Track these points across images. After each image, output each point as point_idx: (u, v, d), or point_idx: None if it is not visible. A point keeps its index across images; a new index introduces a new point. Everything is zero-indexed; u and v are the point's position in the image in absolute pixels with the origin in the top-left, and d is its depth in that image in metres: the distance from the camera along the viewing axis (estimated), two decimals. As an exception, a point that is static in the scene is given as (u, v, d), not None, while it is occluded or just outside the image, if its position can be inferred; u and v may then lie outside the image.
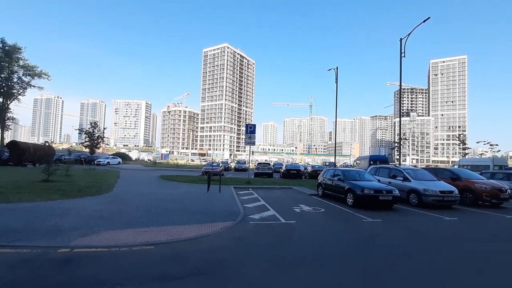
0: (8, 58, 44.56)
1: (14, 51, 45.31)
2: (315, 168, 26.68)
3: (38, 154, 24.46)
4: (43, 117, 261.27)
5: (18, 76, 47.69)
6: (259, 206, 9.81)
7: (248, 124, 18.03)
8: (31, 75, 48.34)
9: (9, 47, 44.76)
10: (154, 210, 7.97)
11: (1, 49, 44.03)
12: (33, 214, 6.81)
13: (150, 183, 16.23)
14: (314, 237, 6.13)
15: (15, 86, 47.81)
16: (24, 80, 48.27)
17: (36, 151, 26.93)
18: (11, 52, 44.92)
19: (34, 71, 48.38)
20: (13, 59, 45.55)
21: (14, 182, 12.63)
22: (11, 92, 46.89)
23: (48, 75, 50.03)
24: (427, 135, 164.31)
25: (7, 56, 44.32)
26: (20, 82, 48.17)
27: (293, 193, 14.43)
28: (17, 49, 45.80)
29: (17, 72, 47.36)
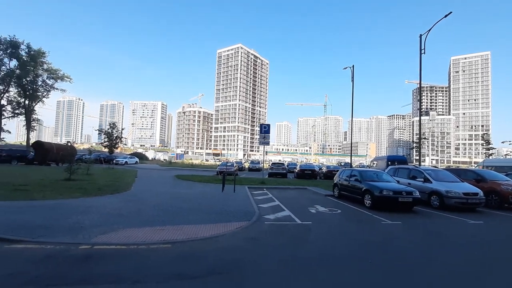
0: (33, 62, 46.72)
1: (38, 55, 47.43)
2: (330, 168, 26.25)
3: (61, 153, 25.58)
4: (65, 118, 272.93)
5: (43, 79, 49.89)
6: (274, 206, 9.74)
7: (262, 124, 17.98)
8: (54, 78, 50.44)
9: (34, 51, 46.90)
10: (170, 209, 8.08)
11: (27, 54, 46.20)
12: (56, 211, 7.08)
13: (166, 183, 16.51)
14: (331, 239, 5.99)
15: (40, 89, 50.01)
16: (48, 83, 50.44)
17: (59, 151, 28.14)
18: (36, 57, 47.06)
19: (57, 74, 50.45)
20: (38, 63, 47.69)
21: (38, 181, 13.22)
22: (36, 95, 49.10)
23: (70, 78, 52.10)
24: (447, 135, 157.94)
25: (32, 60, 46.49)
26: (44, 85, 50.36)
27: (308, 193, 14.24)
28: (41, 54, 47.92)
29: (42, 76, 49.56)
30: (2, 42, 43.63)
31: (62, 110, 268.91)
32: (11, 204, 7.61)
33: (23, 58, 45.47)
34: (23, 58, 45.47)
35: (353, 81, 22.42)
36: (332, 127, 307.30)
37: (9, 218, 6.16)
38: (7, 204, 7.59)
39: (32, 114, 49.66)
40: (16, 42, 44.64)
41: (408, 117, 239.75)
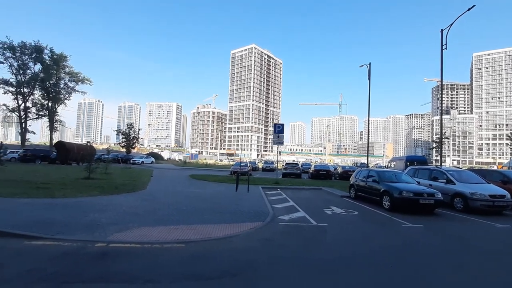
0: (56, 66, 48.72)
1: (61, 59, 49.44)
2: (345, 168, 25.64)
3: (81, 153, 26.50)
4: (86, 119, 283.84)
5: (65, 82, 51.86)
6: (288, 207, 9.56)
7: (276, 123, 17.80)
8: (75, 80, 52.36)
9: (56, 56, 48.91)
10: (185, 209, 8.09)
11: (50, 58, 48.27)
12: (75, 209, 7.25)
13: (180, 182, 16.69)
14: (348, 242, 5.76)
15: (62, 91, 52.07)
16: (70, 85, 52.36)
17: (80, 150, 29.18)
18: (59, 60, 49.07)
19: (78, 77, 52.37)
20: (60, 67, 49.70)
21: (59, 179, 13.70)
22: (58, 97, 51.16)
23: (90, 80, 53.94)
24: (469, 135, 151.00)
25: (55, 64, 48.49)
26: (66, 88, 52.35)
27: (323, 194, 13.93)
28: (63, 57, 49.92)
29: (64, 79, 51.55)
30: (27, 47, 45.77)
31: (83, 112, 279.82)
32: (33, 202, 7.88)
33: (46, 62, 47.52)
34: (46, 62, 47.52)
35: (369, 79, 21.80)
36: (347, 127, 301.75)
37: (31, 215, 6.36)
38: (30, 202, 7.87)
39: (55, 116, 51.84)
40: (40, 47, 46.73)
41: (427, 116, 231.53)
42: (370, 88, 21.66)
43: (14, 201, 7.80)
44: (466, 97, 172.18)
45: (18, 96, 46.07)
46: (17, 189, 9.84)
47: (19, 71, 45.80)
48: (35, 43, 46.28)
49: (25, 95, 46.77)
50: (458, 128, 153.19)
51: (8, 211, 6.63)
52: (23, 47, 45.47)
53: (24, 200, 8.00)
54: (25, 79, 46.22)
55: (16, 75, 45.58)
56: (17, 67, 45.53)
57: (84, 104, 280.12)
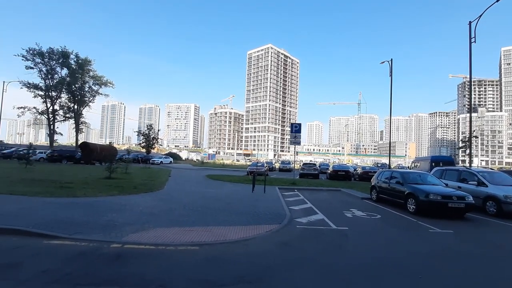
0: (81, 70, 51.00)
1: (85, 63, 51.70)
2: (366, 169, 24.71)
3: (104, 153, 27.44)
4: (109, 121, 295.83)
5: (89, 85, 54.20)
6: (306, 209, 9.25)
7: (293, 123, 17.46)
8: (99, 84, 54.53)
9: (81, 60, 51.21)
10: (200, 209, 8.02)
11: (75, 63, 50.63)
12: (94, 208, 7.37)
13: (197, 182, 16.78)
14: (372, 248, 5.39)
15: (87, 94, 54.41)
16: (94, 88, 54.66)
17: (102, 151, 30.27)
18: (83, 65, 51.34)
19: (101, 81, 54.49)
20: (85, 71, 52.00)
21: (82, 179, 14.17)
22: (83, 100, 53.50)
23: (112, 83, 55.96)
24: (499, 133, 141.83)
25: (80, 68, 50.78)
26: (90, 91, 54.64)
27: (342, 196, 13.44)
28: (88, 62, 52.17)
29: (88, 82, 53.89)
30: (55, 53, 48.25)
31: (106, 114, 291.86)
32: (55, 201, 8.12)
33: (72, 67, 49.86)
34: (72, 67, 49.86)
35: (391, 76, 20.88)
36: (367, 126, 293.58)
37: (52, 213, 6.51)
38: (52, 201, 8.11)
39: (80, 118, 54.27)
40: (66, 52, 49.12)
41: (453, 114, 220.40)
42: (392, 85, 20.77)
43: (38, 200, 8.07)
44: (495, 94, 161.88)
45: (47, 100, 48.58)
46: (42, 188, 10.23)
47: (48, 76, 48.33)
48: (62, 49, 48.71)
49: (53, 98, 49.26)
50: (487, 126, 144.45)
51: (32, 210, 6.84)
52: (51, 53, 47.94)
53: (47, 199, 8.26)
54: (53, 83, 48.68)
55: (45, 79, 48.13)
56: (46, 72, 48.06)
57: (108, 107, 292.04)
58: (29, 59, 46.13)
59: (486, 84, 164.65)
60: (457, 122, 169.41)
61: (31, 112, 48.69)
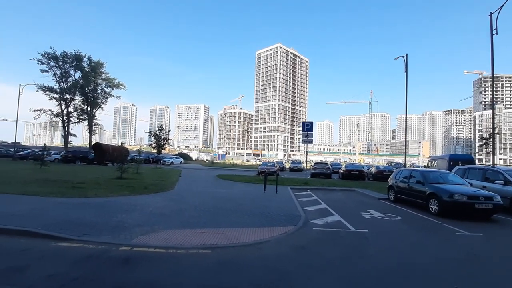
0: (94, 73, 52.01)
1: (98, 66, 52.69)
2: (380, 168, 23.95)
3: (116, 154, 27.75)
4: (121, 122, 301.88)
5: (101, 87, 55.16)
6: (321, 210, 8.87)
7: (304, 121, 17.02)
8: (111, 86, 55.43)
9: (94, 63, 52.23)
10: (212, 210, 7.78)
11: (88, 66, 51.66)
12: (104, 209, 7.25)
13: (208, 182, 16.62)
14: (397, 253, 4.99)
15: (99, 96, 55.41)
16: (106, 91, 55.65)
17: (114, 151, 30.65)
18: (96, 67, 52.31)
19: (113, 83, 55.38)
20: (97, 73, 52.97)
21: (94, 179, 14.23)
22: (96, 102, 54.50)
23: (124, 85, 56.80)
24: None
25: (93, 71, 51.76)
26: (103, 93, 55.63)
27: (358, 196, 12.95)
28: (100, 65, 53.14)
29: (101, 84, 54.87)
30: (69, 56, 49.37)
31: (118, 116, 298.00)
32: (67, 201, 8.07)
33: (85, 70, 50.86)
34: (85, 70, 50.86)
35: (406, 72, 20.11)
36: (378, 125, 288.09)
37: (63, 214, 6.41)
38: (64, 201, 8.06)
39: (93, 120, 55.30)
40: (79, 55, 50.17)
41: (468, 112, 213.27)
42: (407, 81, 19.99)
43: (49, 200, 8.04)
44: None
45: (61, 102, 49.71)
46: (54, 188, 10.26)
47: (62, 79, 49.46)
48: (75, 52, 49.78)
49: (67, 101, 50.39)
50: (504, 124, 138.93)
51: (43, 210, 6.77)
52: (65, 56, 49.06)
53: (59, 200, 8.22)
54: (67, 86, 49.75)
55: (59, 82, 49.26)
56: (60, 75, 49.21)
57: (120, 109, 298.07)
58: (44, 62, 47.33)
59: (503, 80, 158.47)
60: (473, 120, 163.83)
61: (47, 114, 49.92)
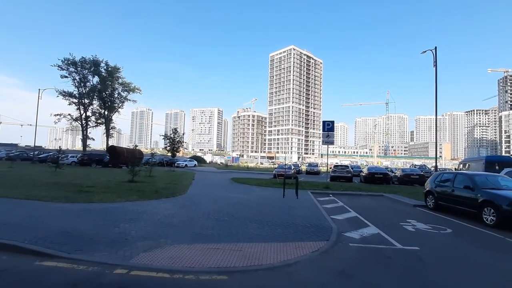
0: (111, 77, 52.89)
1: (115, 71, 53.54)
2: (406, 172, 22.14)
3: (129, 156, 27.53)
4: (138, 126, 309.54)
5: (118, 92, 55.98)
6: (352, 219, 7.70)
7: (325, 121, 15.78)
8: (127, 90, 56.16)
9: (111, 68, 53.09)
10: (227, 219, 6.80)
11: (105, 71, 52.56)
12: (107, 216, 6.46)
13: (222, 186, 15.73)
14: (470, 282, 3.81)
15: (116, 100, 56.27)
16: (122, 95, 56.45)
17: (129, 154, 30.52)
18: (113, 72, 53.16)
19: (129, 87, 56.10)
20: (114, 78, 53.84)
21: (105, 182, 13.68)
22: (113, 106, 55.36)
23: (140, 89, 57.43)
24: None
25: (110, 76, 52.64)
26: (119, 97, 56.45)
27: (388, 202, 11.62)
28: (116, 69, 53.96)
29: (117, 89, 55.71)
30: (87, 62, 50.45)
31: (135, 120, 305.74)
32: (69, 207, 7.37)
33: (102, 74, 51.78)
34: (102, 74, 51.78)
35: (436, 66, 18.44)
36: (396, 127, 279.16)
37: (60, 223, 5.66)
38: (66, 207, 7.37)
39: (110, 123, 56.18)
40: (97, 61, 51.17)
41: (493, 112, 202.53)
42: (437, 77, 18.35)
43: (51, 206, 7.37)
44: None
45: (80, 107, 50.81)
46: (61, 192, 9.67)
47: (80, 84, 50.54)
48: (93, 58, 50.78)
49: (85, 105, 51.40)
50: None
51: (40, 218, 6.05)
52: (84, 62, 50.14)
53: (61, 206, 7.53)
54: (85, 90, 50.82)
55: (78, 87, 50.36)
56: (79, 80, 50.31)
57: (137, 113, 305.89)
58: (63, 68, 48.52)
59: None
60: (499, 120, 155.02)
61: (67, 118, 51.12)
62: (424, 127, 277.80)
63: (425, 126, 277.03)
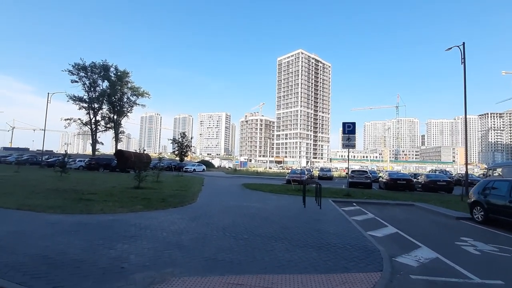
0: (120, 82, 52.82)
1: (124, 75, 53.50)
2: (431, 177, 20.43)
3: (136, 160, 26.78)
4: (147, 131, 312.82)
5: (127, 96, 55.85)
6: (395, 237, 6.44)
7: (345, 122, 14.48)
8: (136, 94, 56.00)
9: (120, 72, 53.08)
10: (246, 236, 5.65)
11: (115, 75, 52.56)
12: (104, 233, 5.41)
13: (234, 193, 14.61)
14: None
15: (125, 105, 56.15)
16: (131, 99, 56.33)
17: (136, 158, 29.81)
18: (122, 77, 53.11)
19: (138, 91, 55.92)
20: (124, 83, 53.77)
21: (109, 189, 12.75)
22: (122, 110, 55.20)
23: (149, 94, 57.22)
24: None
25: (119, 80, 52.57)
26: (128, 102, 56.33)
27: (424, 213, 10.26)
28: (126, 74, 53.94)
29: (126, 93, 55.56)
30: (97, 67, 50.57)
31: (144, 124, 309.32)
32: (63, 220, 6.37)
33: (112, 79, 51.75)
34: (112, 79, 51.75)
35: (464, 63, 17.01)
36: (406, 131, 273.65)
37: (45, 243, 4.63)
38: (59, 219, 6.37)
39: (119, 128, 56.01)
40: (107, 65, 51.24)
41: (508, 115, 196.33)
42: (465, 74, 16.92)
43: (42, 219, 6.38)
44: None
45: (90, 111, 50.83)
46: (58, 200, 8.73)
47: (90, 89, 50.62)
48: (103, 62, 50.92)
49: (95, 110, 51.42)
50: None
51: (23, 236, 5.04)
52: (94, 67, 50.28)
53: (54, 218, 6.54)
54: (95, 95, 50.86)
55: (88, 92, 50.44)
56: (89, 84, 50.42)
57: (146, 118, 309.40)
58: (74, 73, 48.73)
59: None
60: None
61: (77, 123, 51.18)
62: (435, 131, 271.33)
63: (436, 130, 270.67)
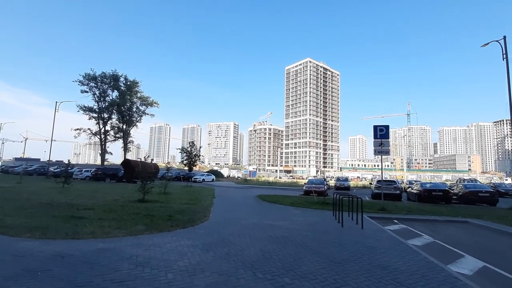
0: (130, 92, 52.47)
1: (133, 85, 53.21)
2: (469, 188, 17.93)
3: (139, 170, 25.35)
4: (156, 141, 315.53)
5: (136, 106, 55.46)
6: (491, 276, 4.57)
7: (377, 125, 12.69)
8: (145, 104, 55.56)
9: (130, 82, 52.83)
10: (289, 281, 3.89)
11: (124, 85, 52.29)
12: (84, 274, 3.76)
13: (250, 206, 12.85)
14: None
15: (134, 114, 55.66)
16: (141, 109, 55.88)
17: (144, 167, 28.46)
18: (132, 86, 52.80)
19: (147, 101, 55.50)
20: (133, 92, 53.42)
21: (109, 202, 11.20)
22: (131, 120, 54.69)
23: (157, 103, 56.66)
24: None
25: (128, 90, 52.26)
26: (137, 111, 55.89)
27: (494, 235, 8.27)
28: (135, 83, 53.65)
29: (136, 103, 55.16)
30: (107, 77, 50.43)
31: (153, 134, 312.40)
32: (37, 249, 4.78)
33: (121, 89, 51.48)
34: (121, 89, 51.48)
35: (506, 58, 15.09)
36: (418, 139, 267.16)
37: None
38: (31, 249, 4.78)
39: (128, 137, 55.37)
40: (116, 75, 51.08)
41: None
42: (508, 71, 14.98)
43: (9, 248, 4.80)
44: None
45: (99, 121, 50.42)
46: (44, 219, 7.19)
47: (100, 98, 50.38)
48: (112, 72, 50.79)
49: (104, 119, 50.99)
50: None
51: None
52: (104, 77, 50.17)
53: (26, 246, 4.96)
54: (105, 105, 50.52)
55: (98, 102, 50.20)
56: (99, 94, 50.21)
57: (155, 128, 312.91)
58: (84, 83, 48.70)
59: None
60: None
61: (86, 133, 50.76)
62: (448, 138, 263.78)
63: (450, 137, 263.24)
